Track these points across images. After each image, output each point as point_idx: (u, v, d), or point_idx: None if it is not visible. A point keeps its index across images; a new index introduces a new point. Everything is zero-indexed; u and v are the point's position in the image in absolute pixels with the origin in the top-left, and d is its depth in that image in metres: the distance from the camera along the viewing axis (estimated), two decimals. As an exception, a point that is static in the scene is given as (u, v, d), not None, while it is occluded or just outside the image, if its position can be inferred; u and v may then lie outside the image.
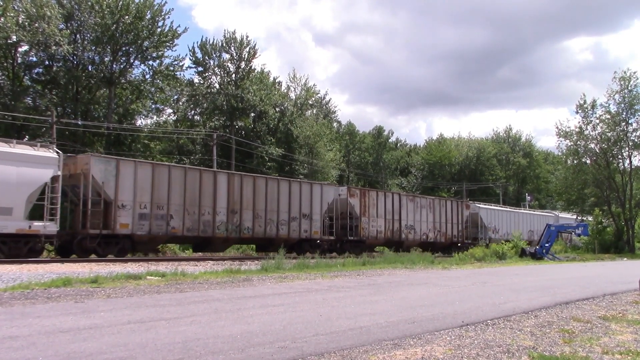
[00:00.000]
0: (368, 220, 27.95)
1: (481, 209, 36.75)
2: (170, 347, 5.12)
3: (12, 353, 4.74)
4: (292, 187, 24.67)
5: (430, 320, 7.10)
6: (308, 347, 5.29)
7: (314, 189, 25.61)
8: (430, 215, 31.99)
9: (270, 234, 23.46)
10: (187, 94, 46.94)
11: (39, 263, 15.53)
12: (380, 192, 30.92)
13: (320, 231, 25.54)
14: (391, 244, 29.76)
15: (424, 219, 31.46)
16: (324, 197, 25.92)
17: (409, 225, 30.49)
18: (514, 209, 43.77)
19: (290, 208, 24.27)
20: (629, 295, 10.89)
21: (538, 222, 41.78)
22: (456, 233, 33.93)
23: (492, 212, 38.17)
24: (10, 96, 34.36)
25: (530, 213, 43.42)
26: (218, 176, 22.26)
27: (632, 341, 6.13)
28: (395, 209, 29.74)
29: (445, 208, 33.45)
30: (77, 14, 37.20)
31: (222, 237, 21.85)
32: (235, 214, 22.15)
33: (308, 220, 25.02)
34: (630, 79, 38.68)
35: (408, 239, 29.93)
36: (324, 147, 48.23)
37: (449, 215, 33.49)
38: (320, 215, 25.55)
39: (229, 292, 9.76)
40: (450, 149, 73.76)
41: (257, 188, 23.13)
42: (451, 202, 34.77)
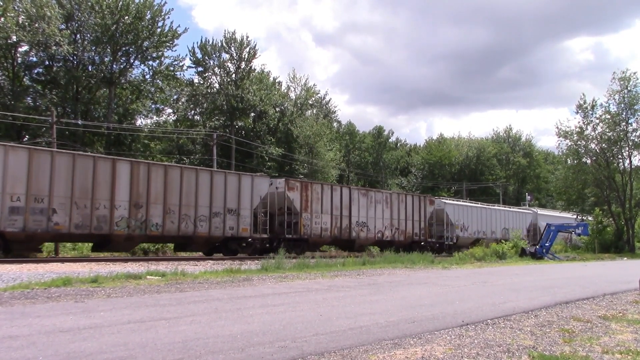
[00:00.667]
0: (310, 216, 25.16)
1: (447, 205, 34.09)
2: (170, 346, 5.12)
3: (12, 353, 4.74)
4: (214, 179, 22.02)
5: (430, 320, 7.10)
6: (308, 347, 5.29)
7: (243, 181, 23.00)
8: (387, 211, 29.14)
9: (186, 232, 20.79)
10: (187, 94, 46.96)
11: (39, 263, 15.53)
12: (326, 185, 27.78)
13: (250, 228, 22.87)
14: (340, 242, 27.85)
15: (379, 215, 28.54)
16: (256, 190, 23.30)
17: (361, 222, 27.67)
18: (486, 205, 40.72)
19: (212, 202, 21.67)
20: (629, 294, 10.89)
21: (514, 220, 39.49)
22: (418, 231, 31.16)
23: (460, 208, 35.08)
24: (11, 96, 34.38)
25: (505, 210, 40.46)
26: (118, 165, 19.39)
27: (632, 341, 6.13)
28: (345, 204, 26.96)
29: (405, 203, 30.56)
30: (77, 14, 37.22)
31: (123, 234, 19.17)
32: (140, 208, 19.47)
33: (235, 215, 22.37)
34: (630, 79, 38.72)
35: (360, 238, 27.46)
36: (324, 147, 48.23)
37: (410, 211, 30.64)
38: (250, 210, 22.96)
39: (229, 292, 9.76)
40: (450, 149, 73.75)
41: (170, 179, 20.50)
42: (412, 197, 31.95)
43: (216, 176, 22.39)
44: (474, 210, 36.15)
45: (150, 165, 20.74)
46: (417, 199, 31.94)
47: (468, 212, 35.42)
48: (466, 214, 34.97)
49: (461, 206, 35.48)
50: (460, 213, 34.49)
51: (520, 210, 42.79)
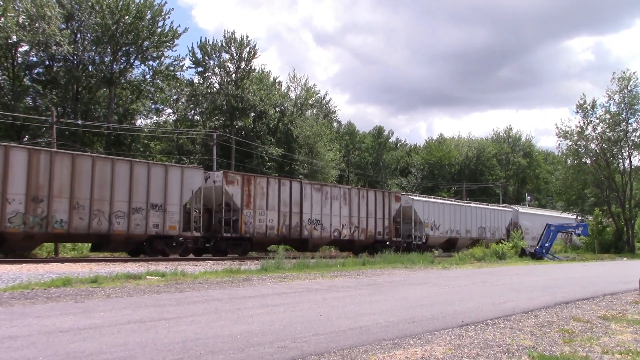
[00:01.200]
0: (253, 213, 22.94)
1: (415, 202, 31.51)
2: (170, 346, 5.12)
3: (12, 353, 4.74)
4: (135, 170, 19.55)
5: (430, 320, 7.10)
6: (308, 347, 5.29)
7: (171, 173, 20.60)
8: (345, 208, 26.75)
9: (99, 229, 18.42)
10: (187, 94, 46.98)
11: (39, 263, 15.53)
12: (273, 179, 25.19)
13: (179, 226, 20.52)
14: (290, 242, 25.78)
15: (335, 212, 26.17)
16: (187, 184, 20.97)
17: (314, 219, 25.26)
18: (460, 202, 37.97)
19: (132, 196, 19.27)
20: (628, 295, 10.89)
21: (492, 218, 37.00)
22: (381, 230, 28.61)
23: (430, 205, 32.54)
24: (11, 96, 34.38)
25: (481, 207, 37.66)
26: (11, 153, 16.95)
27: (632, 341, 6.14)
28: (295, 200, 24.65)
29: (367, 200, 28.02)
30: (78, 14, 37.23)
31: (18, 232, 16.89)
32: (41, 202, 17.24)
33: (160, 212, 19.99)
34: (630, 79, 38.72)
35: (313, 237, 25.14)
36: (324, 147, 48.22)
37: (372, 208, 28.13)
38: (180, 205, 20.64)
39: (229, 292, 9.76)
40: (450, 149, 73.79)
41: (78, 170, 18.16)
42: (374, 192, 29.36)
43: (137, 167, 19.81)
44: (446, 207, 33.70)
45: (53, 154, 18.32)
46: (381, 195, 29.44)
47: (439, 209, 32.96)
48: (437, 212, 32.59)
49: (431, 203, 33.14)
50: (430, 210, 32.08)
51: (499, 208, 40.23)
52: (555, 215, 45.18)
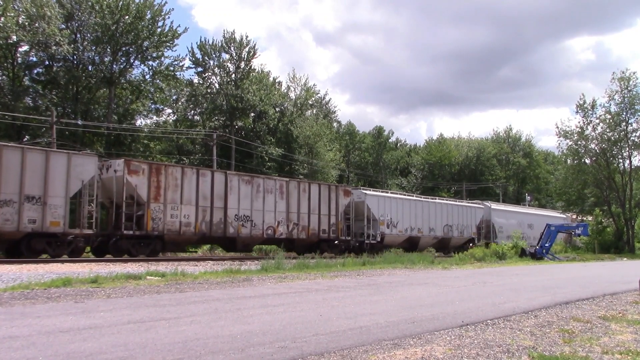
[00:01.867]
0: (163, 208, 20.05)
1: (369, 197, 28.58)
2: (170, 347, 5.12)
3: (12, 353, 4.74)
4: (4, 156, 16.61)
5: (430, 320, 7.10)
6: (308, 347, 5.29)
7: (53, 160, 17.65)
8: (281, 202, 23.94)
9: None
10: (187, 94, 47.00)
11: (39, 263, 15.54)
12: (190, 169, 22.07)
13: (64, 222, 17.76)
14: (214, 240, 23.27)
15: (269, 207, 23.35)
16: (75, 173, 18.10)
17: (243, 215, 22.45)
18: (422, 197, 35.11)
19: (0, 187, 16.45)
20: (629, 295, 10.90)
21: (460, 215, 34.07)
22: (327, 227, 25.79)
23: (386, 200, 29.44)
24: (11, 96, 34.39)
25: (447, 203, 34.68)
26: None
27: (632, 341, 6.14)
28: (218, 193, 21.83)
29: (309, 194, 25.15)
30: (77, 14, 37.26)
31: None
32: None
33: (39, 205, 17.16)
34: (630, 79, 38.76)
35: (241, 235, 22.36)
36: (324, 147, 48.24)
37: (315, 203, 25.33)
38: (65, 198, 17.85)
39: (229, 292, 9.76)
40: (450, 149, 73.83)
41: None
42: (318, 186, 26.14)
43: (8, 152, 16.77)
44: (405, 203, 30.63)
45: None
46: (326, 189, 26.34)
47: (397, 205, 29.89)
48: (395, 208, 29.59)
49: (388, 198, 29.94)
50: (386, 206, 29.10)
51: (469, 204, 36.96)
52: (534, 212, 43.59)
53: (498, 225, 36.93)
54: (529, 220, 40.09)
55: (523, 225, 38.65)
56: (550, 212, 48.10)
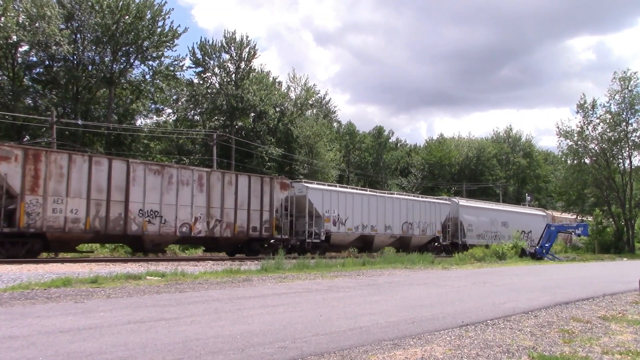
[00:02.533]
0: (43, 201, 17.03)
1: (311, 190, 25.31)
2: (170, 347, 5.12)
3: (12, 353, 4.74)
4: None
5: (430, 320, 7.10)
6: (308, 347, 5.29)
7: None
8: (200, 196, 20.91)
9: None
10: (187, 94, 47.03)
11: (39, 263, 15.53)
12: (80, 156, 18.58)
13: None
14: (112, 238, 20.05)
15: (185, 201, 20.39)
16: None
17: (150, 210, 19.36)
18: (377, 192, 30.92)
19: None
20: (628, 295, 10.90)
21: (422, 212, 31.02)
22: (258, 224, 22.67)
23: (332, 195, 26.15)
24: (11, 96, 34.40)
25: (407, 199, 31.26)
26: None
27: (632, 341, 6.14)
28: (117, 185, 18.73)
29: (235, 187, 22.10)
30: (78, 14, 37.26)
31: None
32: None
33: None
34: (631, 79, 38.77)
35: (148, 232, 19.28)
36: (324, 147, 48.25)
37: (244, 197, 22.30)
38: None
39: (229, 292, 9.76)
40: (450, 149, 73.84)
41: None
42: (248, 178, 23.00)
43: None
44: (356, 198, 27.44)
45: None
46: (258, 181, 23.25)
47: (346, 200, 26.78)
48: (343, 203, 26.49)
49: (334, 192, 26.50)
50: (333, 201, 25.96)
51: (433, 200, 33.87)
52: (510, 209, 40.45)
53: (467, 223, 33.92)
54: (504, 217, 37.18)
55: (496, 223, 36.07)
56: (529, 209, 45.54)
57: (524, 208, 45.46)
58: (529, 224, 38.77)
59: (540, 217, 40.46)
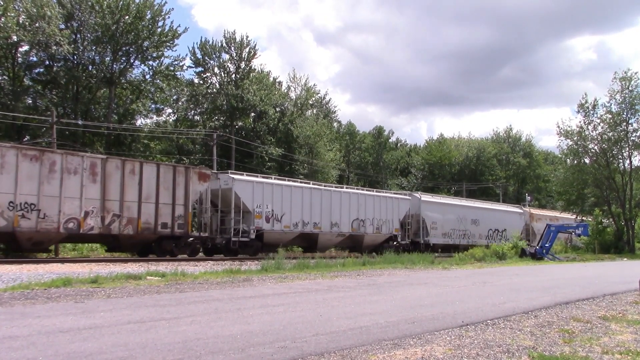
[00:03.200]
0: None
1: (238, 182, 22.46)
2: (170, 347, 5.12)
3: (12, 353, 4.74)
4: None
5: (430, 320, 7.10)
6: (308, 347, 5.29)
7: None
8: (92, 187, 18.16)
9: None
10: (187, 94, 47.05)
11: (39, 263, 15.54)
12: None
13: None
14: None
15: (72, 192, 17.63)
16: None
17: (25, 203, 16.74)
18: (320, 185, 27.10)
19: None
20: (629, 295, 10.90)
21: (376, 208, 28.06)
22: (170, 220, 20.07)
23: (264, 188, 23.28)
24: (11, 96, 34.40)
25: (359, 193, 28.23)
26: None
27: (632, 341, 6.14)
28: None
29: (140, 177, 19.34)
30: (78, 14, 37.25)
31: None
32: None
33: None
34: (631, 79, 38.77)
35: (22, 228, 16.58)
36: (324, 147, 48.25)
37: (151, 189, 19.55)
38: None
39: (229, 292, 9.76)
40: (450, 149, 73.86)
41: None
42: (156, 167, 20.33)
43: None
44: (295, 192, 24.40)
45: None
46: (170, 171, 20.53)
47: (282, 194, 23.83)
48: (278, 197, 23.46)
49: (267, 185, 23.58)
50: (265, 195, 23.14)
51: (389, 194, 30.56)
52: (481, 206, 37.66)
53: (430, 221, 31.21)
54: (474, 214, 34.65)
55: (465, 221, 33.55)
56: (504, 205, 42.69)
57: (498, 204, 42.35)
58: (504, 222, 36.80)
59: (517, 215, 38.59)
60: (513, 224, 37.43)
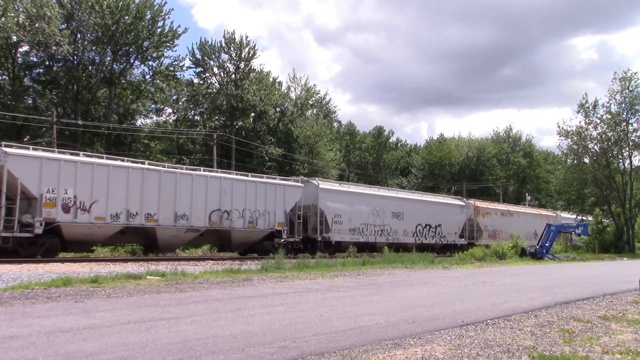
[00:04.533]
0: None
1: (15, 158, 16.56)
2: (170, 347, 5.12)
3: (12, 353, 4.74)
4: None
5: (430, 320, 7.10)
6: (308, 347, 5.29)
7: None
8: None
9: None
10: (187, 94, 47.07)
11: (39, 263, 15.54)
12: None
13: None
14: None
15: None
16: None
17: None
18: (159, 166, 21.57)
19: None
20: (629, 295, 10.89)
21: (249, 196, 22.68)
22: None
23: (62, 167, 17.46)
24: (11, 96, 34.42)
25: (221, 177, 22.43)
26: None
27: (632, 341, 6.13)
28: None
29: None
30: (78, 14, 37.28)
31: None
32: None
33: None
34: (631, 80, 38.77)
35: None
36: (324, 147, 48.28)
37: None
38: None
39: (229, 292, 9.76)
40: (450, 149, 73.88)
41: None
42: None
43: None
44: (114, 173, 18.77)
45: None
46: None
47: (93, 175, 18.14)
48: (86, 180, 17.81)
49: (67, 163, 17.69)
50: (64, 176, 17.43)
51: (270, 181, 24.16)
52: (405, 196, 32.03)
53: (332, 213, 25.58)
54: (397, 207, 29.32)
55: (383, 214, 28.13)
56: (439, 197, 37.01)
57: (431, 195, 36.34)
58: (438, 216, 31.70)
59: (456, 207, 33.78)
60: (451, 218, 32.89)
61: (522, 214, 40.33)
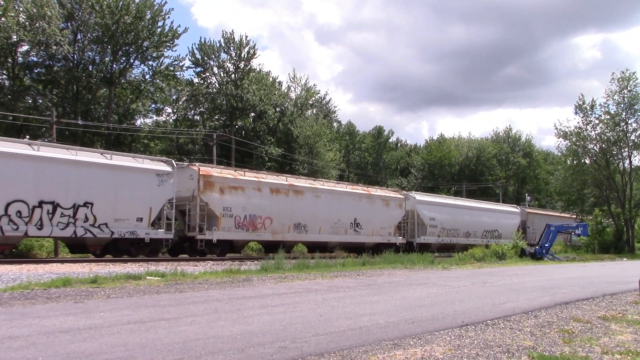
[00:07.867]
0: None
1: None
2: (170, 347, 5.12)
3: (12, 353, 4.74)
4: None
5: (430, 320, 7.10)
6: (308, 347, 5.29)
7: None
8: None
9: None
10: (187, 93, 47.08)
11: (39, 263, 15.54)
12: None
13: None
14: None
15: None
16: None
17: None
18: None
19: None
20: (628, 295, 10.89)
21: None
22: None
23: None
24: (11, 96, 34.41)
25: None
26: None
27: (631, 341, 6.14)
28: None
29: None
30: (78, 13, 37.26)
31: None
32: None
33: None
34: (630, 79, 38.76)
35: None
36: (323, 147, 48.28)
37: None
38: None
39: (229, 292, 9.76)
40: (450, 149, 73.86)
41: None
42: None
43: None
44: None
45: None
46: None
47: None
48: None
49: None
50: None
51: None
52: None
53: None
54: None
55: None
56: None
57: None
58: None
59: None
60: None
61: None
